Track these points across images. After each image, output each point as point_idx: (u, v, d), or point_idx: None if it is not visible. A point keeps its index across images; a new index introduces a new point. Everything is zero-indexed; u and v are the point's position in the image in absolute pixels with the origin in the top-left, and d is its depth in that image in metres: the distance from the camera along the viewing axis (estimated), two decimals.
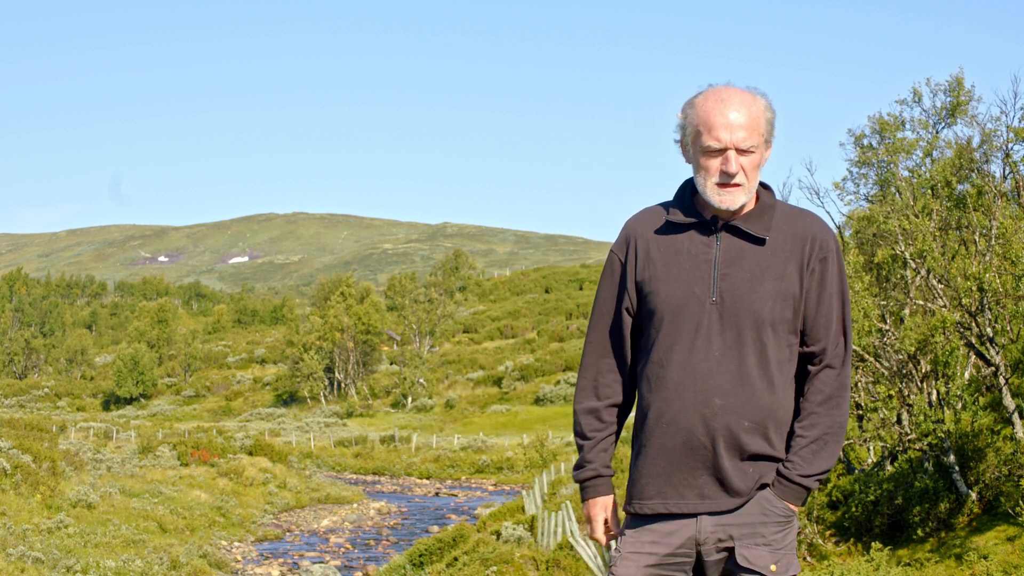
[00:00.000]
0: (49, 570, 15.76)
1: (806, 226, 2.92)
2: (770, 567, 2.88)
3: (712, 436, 2.84)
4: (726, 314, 2.85)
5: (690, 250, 2.91)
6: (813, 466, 2.88)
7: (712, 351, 2.85)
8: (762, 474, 2.88)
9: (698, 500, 2.88)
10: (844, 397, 2.93)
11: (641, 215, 3.03)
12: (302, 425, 62.25)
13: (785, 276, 2.87)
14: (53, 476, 22.03)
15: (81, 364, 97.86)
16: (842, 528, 11.23)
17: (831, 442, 2.90)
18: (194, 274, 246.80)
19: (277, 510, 30.36)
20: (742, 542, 2.88)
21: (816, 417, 2.90)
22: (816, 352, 2.92)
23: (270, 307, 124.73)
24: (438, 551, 17.56)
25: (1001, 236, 11.05)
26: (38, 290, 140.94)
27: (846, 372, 2.95)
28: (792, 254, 2.89)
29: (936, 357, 10.51)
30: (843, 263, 2.96)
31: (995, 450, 10.04)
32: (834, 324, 2.92)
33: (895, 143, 16.02)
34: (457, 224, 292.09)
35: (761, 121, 2.87)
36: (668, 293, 2.89)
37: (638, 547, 2.94)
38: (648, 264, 2.93)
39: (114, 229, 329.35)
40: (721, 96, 2.86)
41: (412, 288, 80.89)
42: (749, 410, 2.85)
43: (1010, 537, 9.28)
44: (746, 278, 2.87)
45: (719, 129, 2.83)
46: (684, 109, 2.93)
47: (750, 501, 2.88)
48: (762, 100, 2.89)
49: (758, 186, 2.95)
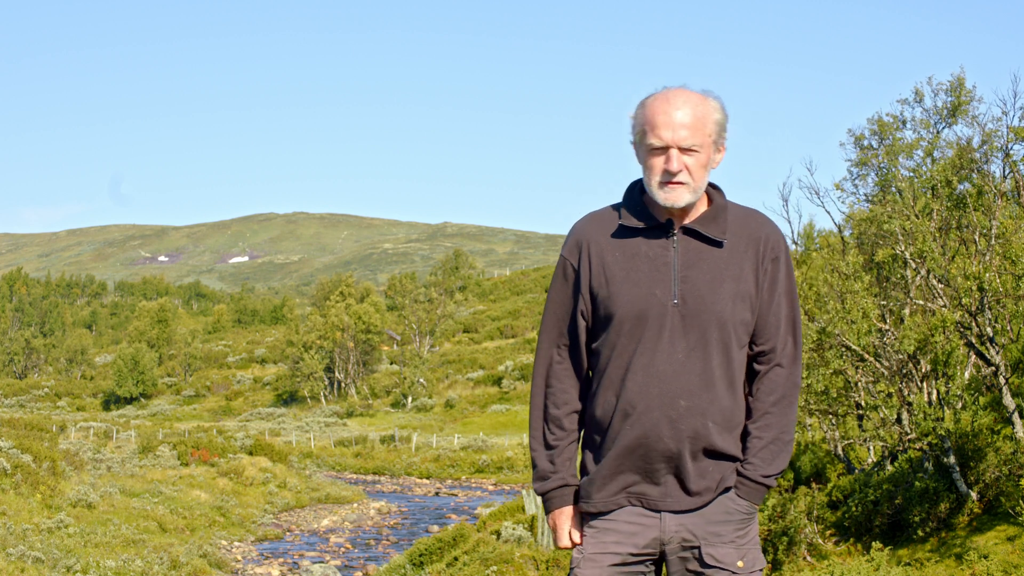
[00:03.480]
0: (49, 570, 15.75)
1: (758, 227, 2.95)
2: (737, 563, 2.91)
3: (678, 438, 2.85)
4: (688, 316, 2.87)
5: (647, 254, 2.92)
6: (772, 466, 2.92)
7: (676, 353, 2.87)
8: (724, 475, 2.91)
9: (661, 499, 2.90)
10: (795, 396, 2.97)
11: (591, 219, 3.03)
12: (302, 425, 62.24)
13: (742, 277, 2.90)
14: (53, 476, 22.03)
15: (81, 364, 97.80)
16: (842, 528, 11.23)
17: (786, 442, 2.94)
18: (194, 274, 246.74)
19: (277, 510, 30.35)
20: (707, 541, 2.90)
21: (771, 417, 2.93)
22: (766, 351, 2.95)
23: (270, 307, 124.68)
24: (438, 551, 17.56)
25: (1001, 236, 11.05)
26: (38, 290, 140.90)
27: (797, 371, 2.97)
28: (747, 255, 2.92)
29: (936, 357, 10.51)
30: (791, 263, 3.00)
31: (995, 450, 10.04)
32: (783, 324, 2.95)
33: (895, 144, 16.03)
34: (457, 224, 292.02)
35: (708, 122, 2.88)
36: (629, 297, 2.89)
37: (601, 547, 2.95)
38: (604, 269, 2.94)
39: (114, 229, 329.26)
40: (668, 96, 2.89)
41: (412, 288, 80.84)
42: (713, 411, 2.87)
43: (1010, 537, 9.28)
44: (706, 280, 2.88)
45: (661, 128, 2.85)
46: (635, 111, 2.95)
47: (713, 501, 2.91)
48: (713, 102, 2.91)
49: (710, 187, 2.98)
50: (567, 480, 3.01)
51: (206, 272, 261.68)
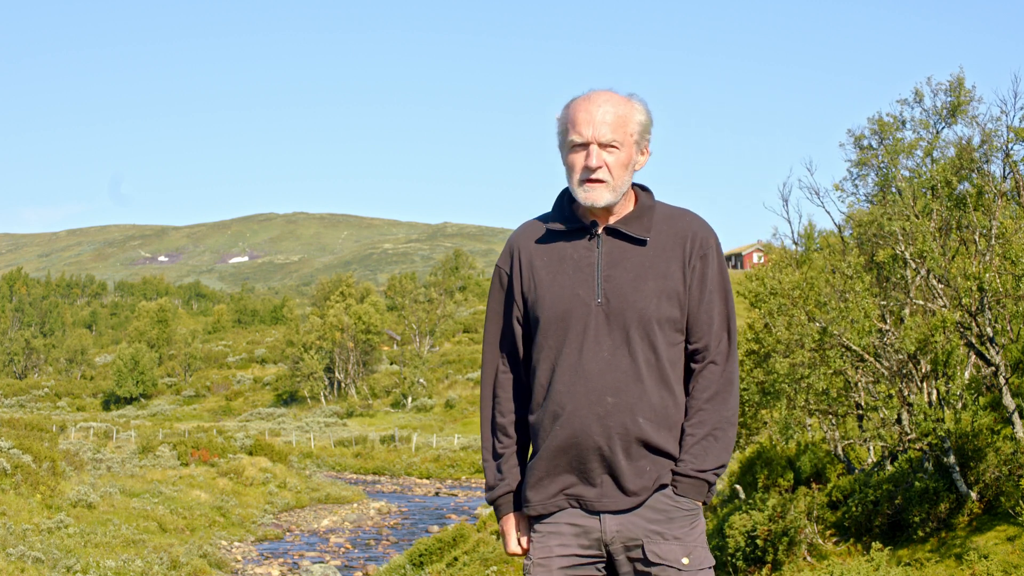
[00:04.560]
0: (49, 570, 15.76)
1: (686, 225, 2.95)
2: (682, 560, 2.89)
3: (607, 435, 2.85)
4: (612, 314, 2.87)
5: (572, 256, 2.93)
6: (707, 461, 2.90)
7: (601, 351, 2.87)
8: (660, 474, 2.90)
9: (597, 500, 2.89)
10: (730, 392, 2.95)
11: (523, 228, 3.04)
12: (302, 425, 62.25)
13: (668, 275, 2.90)
14: (53, 476, 22.03)
15: (81, 364, 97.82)
16: (842, 528, 11.23)
17: (722, 437, 2.92)
18: (194, 274, 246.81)
19: (277, 510, 30.36)
20: (650, 539, 2.89)
21: (704, 414, 2.92)
22: (699, 349, 2.94)
23: (270, 307, 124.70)
24: (438, 551, 17.57)
25: (1001, 236, 11.05)
26: (38, 290, 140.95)
27: (731, 368, 2.96)
28: (674, 253, 2.92)
29: (936, 357, 10.51)
30: (724, 260, 3.00)
31: (995, 450, 10.04)
32: (716, 321, 2.94)
33: (895, 144, 16.03)
34: (457, 224, 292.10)
35: (630, 121, 2.90)
36: (553, 299, 2.91)
37: (547, 551, 2.95)
38: (532, 273, 2.96)
39: (114, 229, 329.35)
40: (590, 96, 2.91)
41: (412, 288, 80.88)
42: (642, 407, 2.87)
43: (1010, 537, 9.28)
44: (629, 278, 2.89)
45: (582, 124, 2.88)
46: (561, 112, 2.98)
47: (650, 499, 2.90)
48: (638, 104, 2.93)
49: (638, 189, 3.00)
50: (513, 487, 3.01)
51: (206, 272, 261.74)
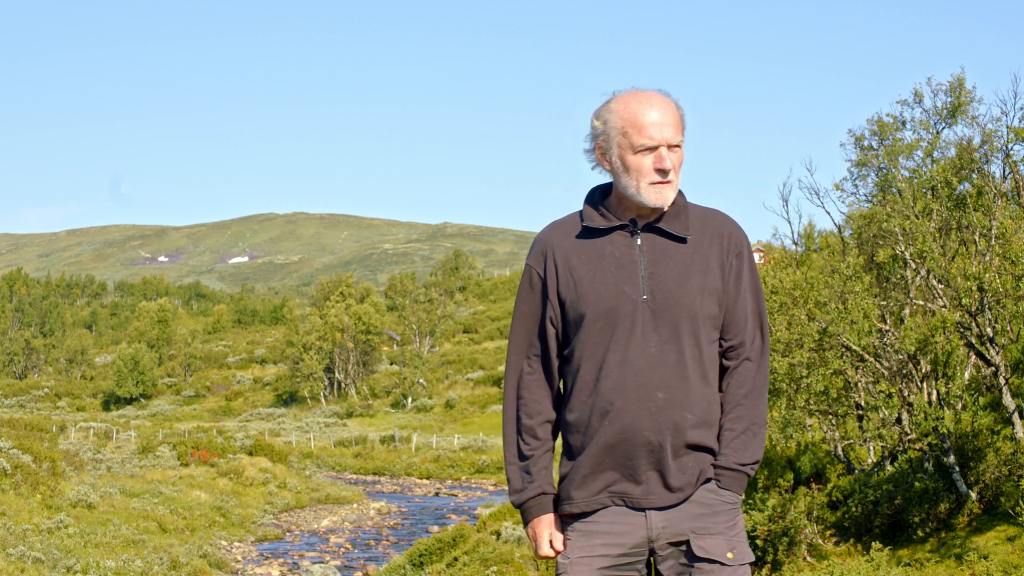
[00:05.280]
0: (49, 570, 15.76)
1: (719, 224, 2.98)
2: (727, 555, 2.90)
3: (659, 430, 2.86)
4: (658, 311, 2.88)
5: (613, 253, 2.92)
6: (747, 454, 2.93)
7: (649, 347, 2.87)
8: (703, 468, 2.91)
9: (643, 497, 2.89)
10: (765, 389, 2.99)
11: (553, 226, 3.02)
12: (302, 425, 62.23)
13: (708, 272, 2.92)
14: (53, 476, 22.03)
15: (81, 364, 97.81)
16: (842, 528, 11.23)
17: (758, 432, 2.96)
18: (194, 274, 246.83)
19: (277, 510, 30.36)
20: (696, 534, 2.89)
21: (742, 409, 2.94)
22: (734, 346, 2.97)
23: (270, 307, 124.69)
24: (438, 551, 17.56)
25: (1001, 236, 11.06)
26: (38, 290, 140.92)
27: (765, 365, 2.99)
28: (711, 251, 2.94)
29: (936, 357, 10.52)
30: (754, 260, 3.02)
31: (995, 450, 10.04)
32: (750, 318, 2.97)
33: (895, 145, 16.04)
34: (457, 224, 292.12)
35: (680, 118, 2.91)
36: (598, 296, 2.90)
37: (588, 550, 2.93)
38: (570, 273, 2.94)
39: (114, 229, 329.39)
40: (641, 97, 2.89)
41: (412, 288, 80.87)
42: (691, 403, 2.88)
43: (1010, 537, 9.29)
44: (673, 275, 2.90)
45: (650, 127, 2.85)
46: (601, 116, 2.93)
47: (695, 494, 2.91)
48: (673, 99, 2.93)
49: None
50: (544, 489, 2.98)
51: (206, 272, 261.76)
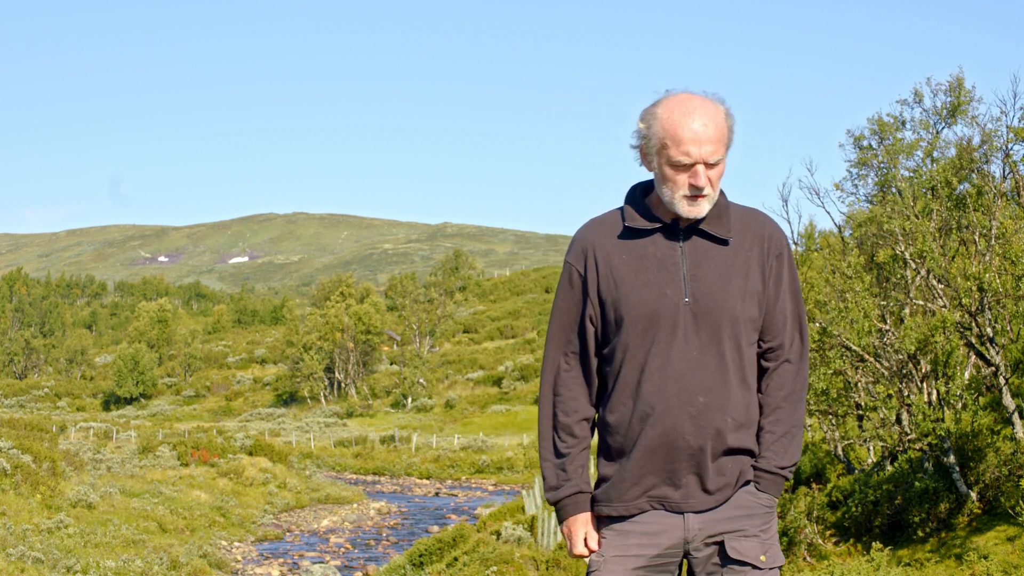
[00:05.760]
0: (49, 570, 15.75)
1: (760, 225, 2.97)
2: (760, 557, 2.92)
3: (700, 434, 2.86)
4: (700, 314, 2.87)
5: (655, 254, 2.91)
6: (786, 458, 2.94)
7: (690, 351, 2.87)
8: (742, 470, 2.92)
9: (683, 501, 2.90)
10: (804, 391, 3.00)
11: (594, 224, 3.00)
12: (302, 425, 62.23)
13: (749, 274, 2.92)
14: (53, 476, 22.03)
15: (81, 364, 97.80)
16: (842, 528, 11.23)
17: (797, 435, 2.98)
18: (194, 274, 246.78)
19: (277, 510, 30.35)
20: (731, 535, 2.91)
21: (782, 412, 2.96)
22: (774, 347, 2.97)
23: (270, 307, 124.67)
24: (438, 551, 17.56)
25: (1001, 236, 11.05)
26: (38, 290, 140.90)
27: (804, 367, 3.00)
28: (752, 252, 2.94)
29: (936, 357, 10.51)
30: (793, 261, 3.02)
31: (995, 450, 10.04)
32: (789, 320, 2.97)
33: (895, 145, 16.04)
34: (457, 224, 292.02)
35: (725, 131, 2.87)
36: (640, 298, 2.88)
37: (623, 550, 2.94)
38: (611, 272, 2.92)
39: (114, 229, 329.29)
40: (686, 108, 2.84)
41: (412, 288, 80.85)
42: (730, 407, 2.89)
43: (1010, 537, 9.28)
44: (715, 278, 2.89)
45: (688, 144, 2.81)
46: (646, 119, 2.89)
47: (734, 496, 2.92)
48: (723, 108, 2.89)
49: None
50: (581, 487, 2.99)
51: (206, 272, 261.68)
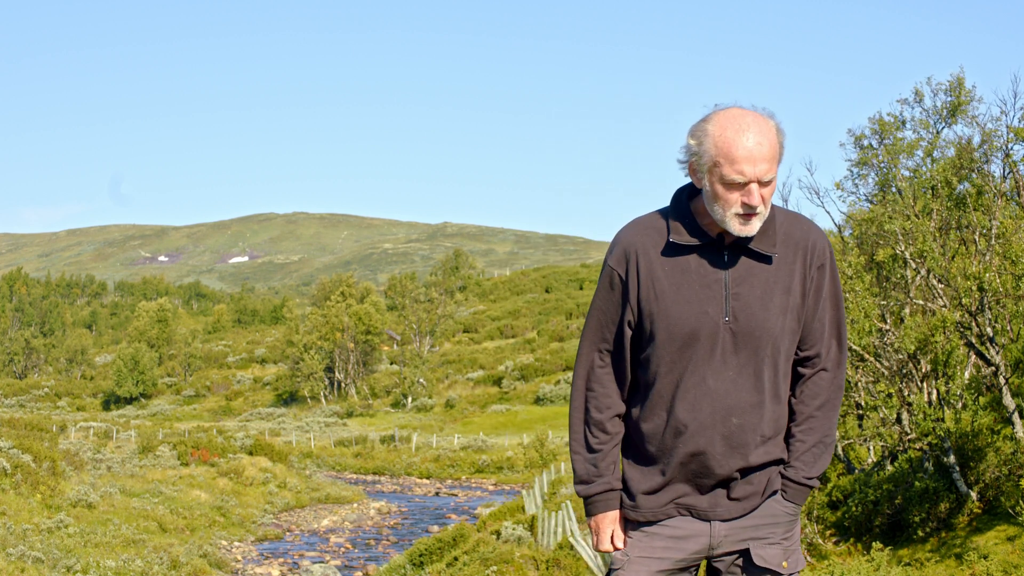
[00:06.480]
0: (49, 570, 15.75)
1: (803, 234, 2.92)
2: (782, 564, 2.96)
3: (731, 455, 2.88)
4: (740, 334, 2.85)
5: (698, 270, 2.87)
6: (815, 468, 2.96)
7: (727, 371, 2.86)
8: (770, 478, 2.95)
9: (710, 509, 2.93)
10: (839, 401, 2.99)
11: (637, 228, 2.94)
12: (302, 425, 62.25)
13: (791, 289, 2.89)
14: (53, 476, 22.03)
15: (81, 364, 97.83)
16: (842, 528, 11.23)
17: (829, 444, 2.98)
18: (194, 274, 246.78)
19: (277, 510, 30.36)
20: (756, 543, 2.94)
21: (815, 421, 2.95)
22: (811, 356, 2.96)
23: (270, 307, 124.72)
24: (438, 551, 17.56)
25: (1001, 236, 11.05)
26: (38, 290, 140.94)
27: (841, 375, 2.98)
28: (795, 265, 2.90)
29: (936, 357, 10.51)
30: (836, 268, 2.98)
31: (995, 450, 10.04)
32: (828, 328, 2.95)
33: (895, 144, 16.03)
34: (457, 224, 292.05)
35: (777, 148, 2.81)
36: (680, 314, 2.86)
37: (649, 552, 2.97)
38: (653, 283, 2.88)
39: (114, 229, 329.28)
40: (739, 125, 2.77)
41: (412, 288, 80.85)
42: (763, 426, 2.90)
43: (1010, 537, 9.28)
44: (757, 296, 2.86)
45: (742, 163, 2.75)
46: (696, 135, 2.83)
47: (761, 505, 2.95)
48: (774, 123, 2.83)
49: None
50: (612, 484, 3.00)
51: (206, 272, 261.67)
